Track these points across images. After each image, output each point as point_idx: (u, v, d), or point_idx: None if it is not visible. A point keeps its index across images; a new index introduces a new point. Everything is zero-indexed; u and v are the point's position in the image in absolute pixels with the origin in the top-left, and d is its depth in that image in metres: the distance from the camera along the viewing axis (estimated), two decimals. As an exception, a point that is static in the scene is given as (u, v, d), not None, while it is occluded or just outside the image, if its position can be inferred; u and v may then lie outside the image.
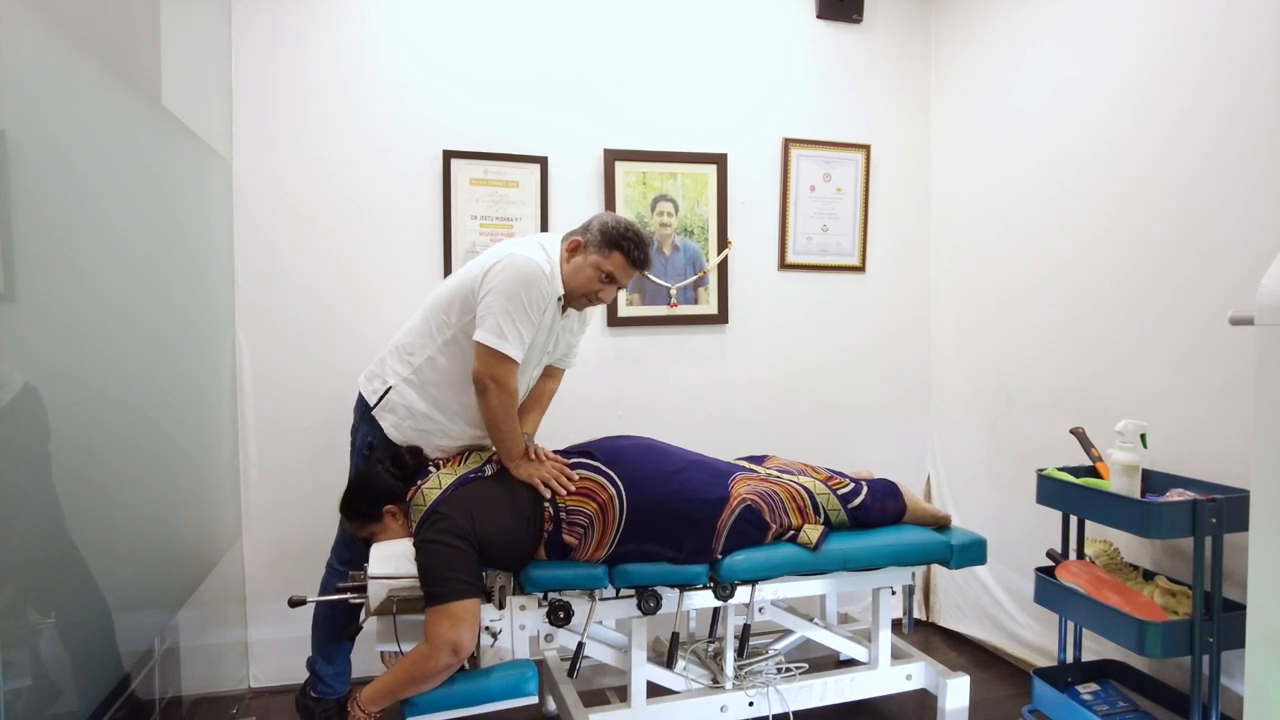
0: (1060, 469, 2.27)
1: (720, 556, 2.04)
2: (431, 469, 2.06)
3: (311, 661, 2.31)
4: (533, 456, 2.08)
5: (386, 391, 2.17)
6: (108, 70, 1.64)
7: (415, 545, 1.86)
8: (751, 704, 2.18)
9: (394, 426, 2.16)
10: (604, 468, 2.02)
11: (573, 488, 2.00)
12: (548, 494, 1.98)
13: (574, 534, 1.96)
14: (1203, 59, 2.11)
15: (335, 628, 2.26)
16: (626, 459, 2.05)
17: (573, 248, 2.11)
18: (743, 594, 2.10)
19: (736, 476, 2.15)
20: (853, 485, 2.22)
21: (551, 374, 2.36)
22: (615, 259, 2.07)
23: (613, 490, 1.97)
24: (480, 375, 2.02)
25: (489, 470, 2.03)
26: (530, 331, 2.02)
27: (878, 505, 2.21)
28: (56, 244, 1.41)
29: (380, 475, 2.05)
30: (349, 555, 2.23)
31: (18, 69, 1.27)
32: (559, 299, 2.10)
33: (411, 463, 2.07)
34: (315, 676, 2.29)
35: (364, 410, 2.21)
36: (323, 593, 2.24)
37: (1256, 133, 1.97)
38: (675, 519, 1.99)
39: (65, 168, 1.44)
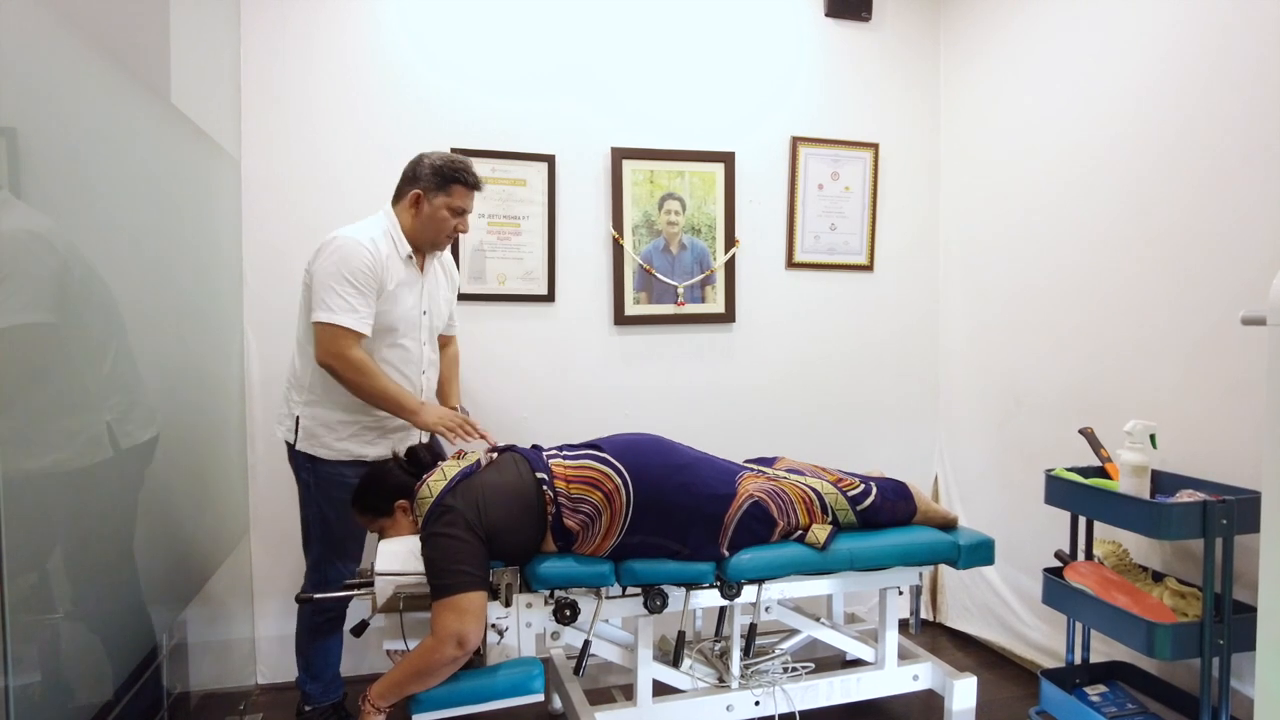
0: (1069, 469, 2.26)
1: (726, 553, 2.03)
2: (439, 464, 2.07)
3: (300, 681, 2.33)
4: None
5: (297, 425, 2.18)
6: (117, 68, 1.64)
7: (422, 539, 1.87)
8: (757, 703, 2.17)
9: (325, 448, 2.17)
10: (610, 459, 2.02)
11: (476, 437, 2.12)
12: (454, 440, 2.10)
13: (576, 520, 1.96)
14: (1213, 57, 2.09)
15: (318, 647, 2.28)
16: (634, 452, 2.05)
17: (415, 201, 2.15)
18: (749, 593, 2.10)
19: (744, 475, 2.14)
20: (863, 486, 2.21)
21: (442, 343, 2.44)
22: (457, 191, 2.15)
23: (619, 480, 1.97)
24: (322, 358, 2.05)
25: (484, 462, 2.04)
26: (363, 300, 2.05)
27: (888, 506, 2.20)
28: (66, 241, 1.41)
29: (392, 470, 2.05)
30: (317, 578, 2.23)
31: (28, 67, 1.28)
32: (409, 256, 2.17)
33: (427, 459, 2.08)
34: (305, 694, 2.31)
35: (290, 454, 2.22)
36: (300, 616, 2.28)
37: (1267, 132, 1.95)
38: (682, 512, 1.99)
39: (75, 165, 1.45)
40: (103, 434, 1.42)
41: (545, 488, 1.97)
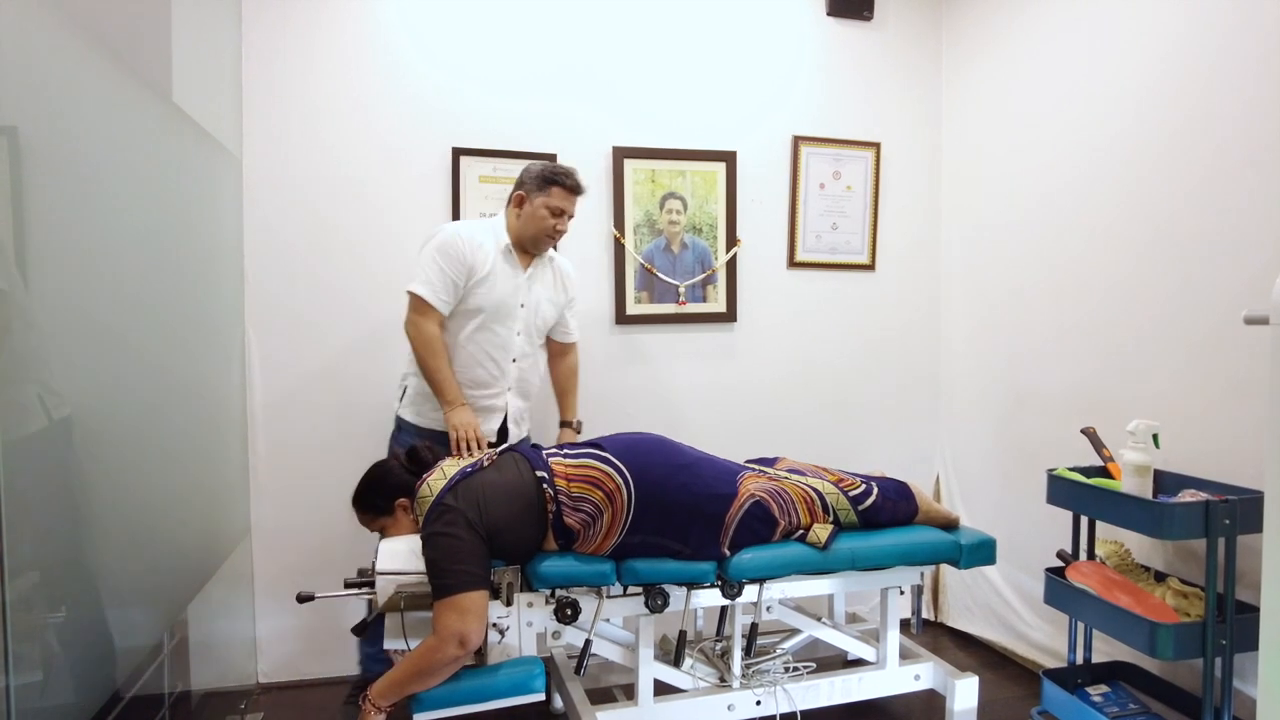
0: (1071, 469, 2.26)
1: (728, 552, 2.03)
2: (438, 463, 2.06)
3: (365, 663, 2.46)
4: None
5: (404, 391, 2.43)
6: (119, 67, 1.64)
7: (422, 539, 1.87)
8: (759, 703, 2.17)
9: (423, 416, 2.39)
10: (612, 458, 2.02)
11: (475, 454, 2.13)
12: (454, 447, 2.20)
13: (577, 519, 1.96)
14: (1215, 55, 2.09)
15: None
16: (635, 452, 2.06)
17: (518, 202, 2.36)
18: (750, 593, 2.10)
19: (745, 475, 2.14)
20: (864, 486, 2.21)
21: (560, 350, 2.59)
22: (556, 193, 2.33)
23: (620, 480, 1.97)
24: (405, 324, 2.32)
25: (486, 462, 2.04)
26: (443, 279, 2.27)
27: (889, 506, 2.20)
28: (68, 239, 1.41)
29: (394, 469, 2.06)
30: None
31: (30, 66, 1.28)
32: (506, 248, 2.36)
33: (428, 458, 2.08)
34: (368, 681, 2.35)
35: (395, 421, 2.46)
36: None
37: (1269, 130, 1.95)
38: (683, 512, 1.99)
39: (76, 164, 1.44)
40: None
41: (545, 486, 1.96)
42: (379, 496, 2.04)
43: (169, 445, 1.90)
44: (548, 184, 2.32)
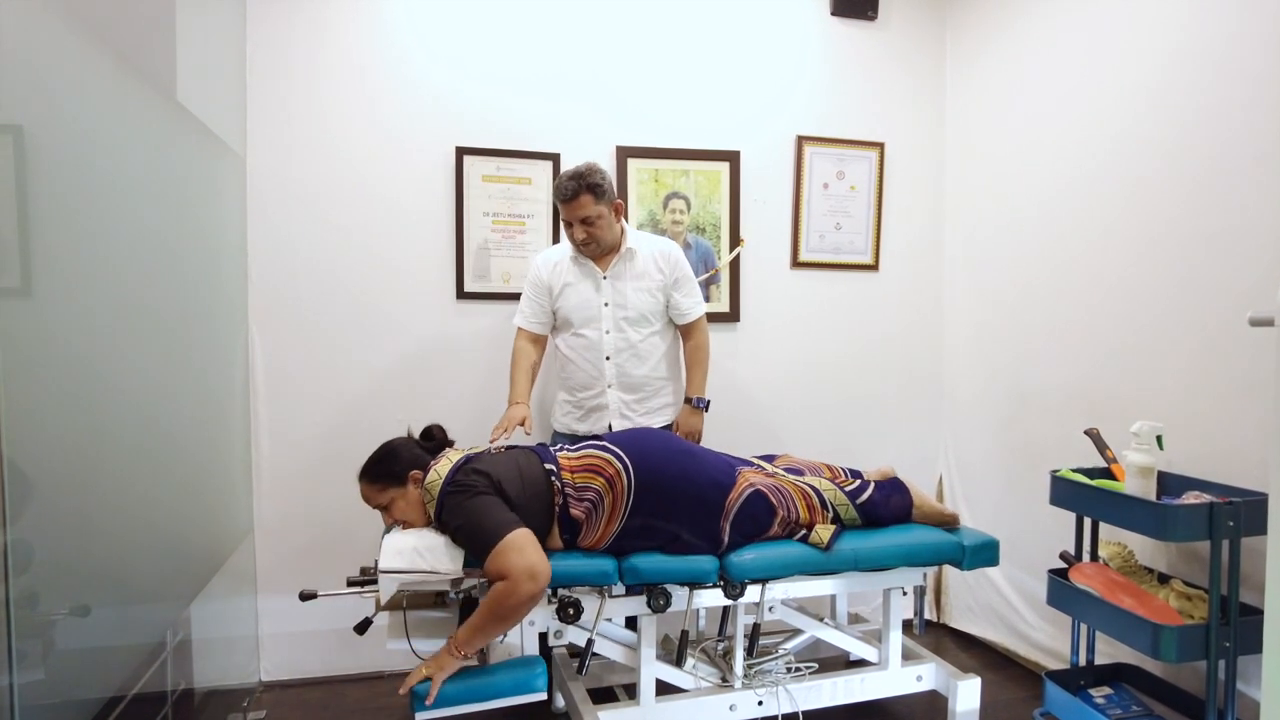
0: (1074, 470, 2.26)
1: (727, 539, 2.04)
2: (445, 450, 2.11)
3: None
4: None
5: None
6: (123, 67, 1.65)
7: (443, 518, 1.90)
8: (761, 703, 2.17)
9: (557, 421, 2.61)
10: (612, 445, 2.06)
11: (497, 440, 2.22)
12: (494, 434, 2.28)
13: (581, 508, 1.98)
14: (1217, 55, 2.08)
15: None
16: (636, 442, 2.10)
17: None
18: (753, 593, 2.10)
19: (744, 468, 2.17)
20: (858, 482, 2.22)
21: (685, 331, 2.62)
22: (560, 207, 2.41)
23: (620, 465, 2.00)
24: None
25: (493, 451, 2.09)
26: (529, 303, 2.51)
27: (883, 500, 2.21)
28: (72, 239, 1.42)
29: (408, 444, 2.08)
30: None
31: (35, 66, 1.28)
32: (574, 257, 2.47)
33: (439, 436, 2.15)
34: None
35: None
36: None
37: (1273, 128, 1.94)
38: (683, 496, 2.02)
39: (82, 163, 1.45)
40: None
41: (554, 479, 1.99)
42: (394, 464, 2.02)
43: (172, 443, 1.90)
44: (556, 200, 2.41)
